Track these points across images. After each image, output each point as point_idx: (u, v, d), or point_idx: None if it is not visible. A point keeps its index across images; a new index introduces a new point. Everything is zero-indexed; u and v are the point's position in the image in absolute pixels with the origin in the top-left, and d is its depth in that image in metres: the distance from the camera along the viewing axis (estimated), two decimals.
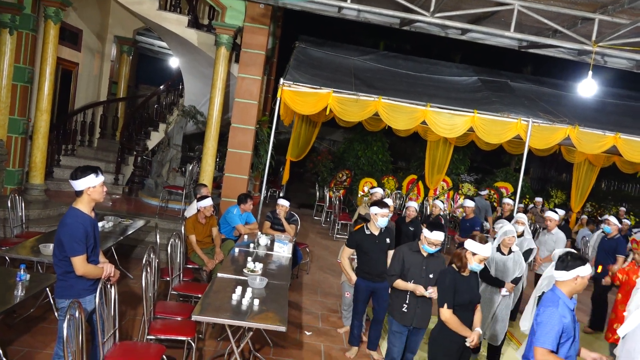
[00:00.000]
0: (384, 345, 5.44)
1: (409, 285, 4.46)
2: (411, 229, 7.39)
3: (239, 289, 4.56)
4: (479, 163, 17.79)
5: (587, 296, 7.92)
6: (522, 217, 6.62)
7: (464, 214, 8.84)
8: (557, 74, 13.39)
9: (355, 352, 5.54)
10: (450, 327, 3.82)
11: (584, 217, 13.35)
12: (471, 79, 10.80)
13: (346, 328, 6.07)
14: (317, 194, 13.82)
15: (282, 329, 4.09)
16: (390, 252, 5.26)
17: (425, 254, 4.51)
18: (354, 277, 5.42)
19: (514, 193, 9.60)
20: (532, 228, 11.26)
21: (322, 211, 13.21)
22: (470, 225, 8.20)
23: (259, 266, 5.36)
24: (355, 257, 5.61)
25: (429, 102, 8.61)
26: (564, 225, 9.03)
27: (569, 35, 7.38)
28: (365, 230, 5.34)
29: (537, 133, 8.76)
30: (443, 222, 8.30)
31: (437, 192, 14.05)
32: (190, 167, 9.90)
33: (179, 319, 4.68)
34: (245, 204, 7.09)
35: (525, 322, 3.82)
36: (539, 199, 13.33)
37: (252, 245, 6.42)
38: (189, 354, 4.54)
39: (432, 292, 4.39)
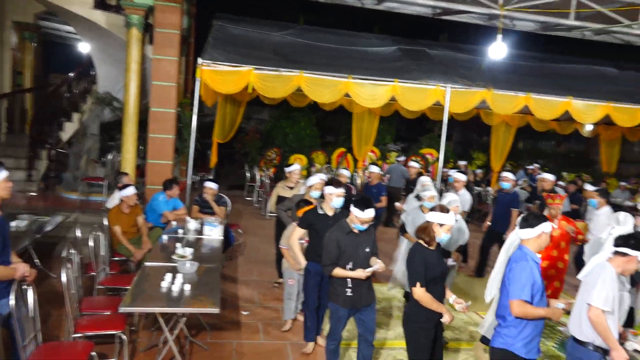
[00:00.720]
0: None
1: (350, 274, 4.16)
2: (374, 190, 7.77)
3: (168, 276, 4.44)
4: (404, 132, 18.23)
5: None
6: (426, 180, 6.80)
7: (369, 180, 8.93)
8: (472, 40, 13.80)
9: (312, 347, 5.10)
10: (424, 305, 3.73)
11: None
12: (390, 49, 10.94)
13: (289, 322, 5.56)
14: (248, 174, 13.67)
15: (216, 311, 4.03)
16: None
17: (357, 232, 4.28)
18: (304, 262, 5.01)
19: (438, 158, 9.90)
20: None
21: (253, 191, 13.10)
22: (376, 192, 8.27)
23: (189, 251, 5.24)
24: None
25: (350, 74, 8.66)
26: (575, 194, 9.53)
27: (479, 1, 7.62)
28: (319, 210, 4.94)
29: (455, 98, 9.04)
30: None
31: (366, 163, 14.29)
32: (111, 157, 9.46)
33: (108, 313, 4.50)
34: (171, 190, 6.88)
35: (492, 290, 3.70)
36: (462, 162, 13.87)
37: (181, 231, 6.27)
38: (121, 348, 4.38)
39: (376, 267, 4.18)
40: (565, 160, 18.55)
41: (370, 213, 4.14)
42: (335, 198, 4.88)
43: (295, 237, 5.04)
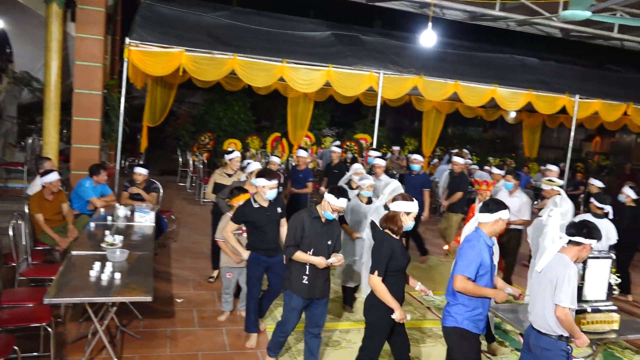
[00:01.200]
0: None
1: (311, 258, 4.08)
2: (335, 171, 7.94)
3: (97, 265, 4.26)
4: (339, 117, 18.40)
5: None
6: (358, 167, 6.85)
7: (296, 164, 8.79)
8: (404, 28, 14.10)
9: (255, 340, 4.94)
10: (377, 295, 3.71)
11: (436, 161, 14.58)
12: (325, 33, 10.96)
13: (226, 314, 5.42)
14: (180, 159, 13.32)
15: (148, 299, 3.93)
16: (283, 221, 4.91)
17: (324, 220, 4.16)
18: (245, 254, 4.81)
19: (372, 144, 10.09)
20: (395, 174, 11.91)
21: (186, 177, 12.80)
22: (302, 177, 8.16)
23: (118, 239, 5.05)
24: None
25: (285, 59, 8.61)
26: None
27: None
28: (253, 204, 4.72)
29: (388, 84, 9.23)
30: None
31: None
32: (30, 141, 8.91)
33: (31, 305, 4.27)
34: (98, 175, 6.58)
35: None
36: (396, 148, 14.16)
37: (109, 218, 6.02)
38: (47, 341, 4.18)
39: (335, 261, 4.15)
40: (491, 145, 19.45)
41: (342, 202, 4.06)
42: (268, 191, 4.66)
43: (229, 229, 4.87)
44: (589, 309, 4.07)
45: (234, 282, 5.36)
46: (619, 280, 4.53)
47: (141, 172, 6.85)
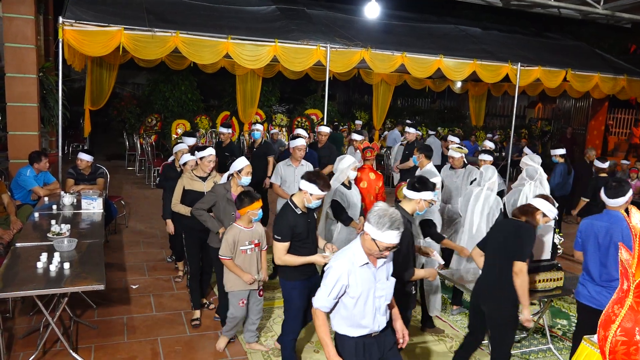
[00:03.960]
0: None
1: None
2: (227, 154, 7.38)
3: (44, 256, 4.11)
4: (289, 93, 18.26)
5: None
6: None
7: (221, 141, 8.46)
8: (349, 0, 14.02)
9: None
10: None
11: (386, 133, 14.74)
12: (269, 8, 10.76)
13: (224, 340, 4.53)
14: (127, 142, 12.91)
15: (101, 287, 3.82)
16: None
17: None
18: (246, 276, 4.19)
19: (323, 118, 10.07)
20: (347, 151, 11.88)
21: (134, 160, 12.44)
22: (229, 154, 7.80)
23: (65, 228, 4.86)
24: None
25: (230, 35, 8.41)
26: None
27: None
28: (296, 210, 3.78)
29: (335, 58, 9.18)
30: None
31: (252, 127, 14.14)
32: None
33: None
34: (40, 163, 6.29)
35: None
36: (359, 122, 14.08)
37: (55, 206, 5.79)
38: None
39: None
40: (439, 116, 19.81)
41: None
42: (315, 201, 3.79)
43: (284, 253, 3.76)
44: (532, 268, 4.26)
45: (243, 312, 4.33)
46: (563, 239, 4.77)
47: (85, 157, 6.59)
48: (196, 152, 5.13)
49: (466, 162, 6.29)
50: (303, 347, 4.59)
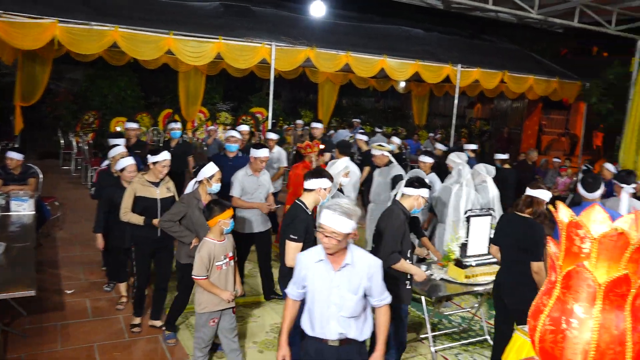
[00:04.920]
0: None
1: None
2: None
3: None
4: (233, 91, 18.00)
5: None
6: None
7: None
8: None
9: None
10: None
11: (332, 132, 14.81)
12: (213, 4, 10.59)
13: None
14: (62, 140, 12.34)
15: (31, 293, 3.63)
16: None
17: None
18: (225, 293, 3.85)
19: (267, 117, 10.02)
20: (293, 150, 11.81)
21: (70, 159, 11.91)
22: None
23: None
24: None
25: (172, 30, 8.21)
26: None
27: None
28: (306, 210, 3.66)
29: (281, 56, 9.15)
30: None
31: (196, 124, 13.90)
32: None
33: None
34: None
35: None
36: (299, 121, 13.99)
37: None
38: None
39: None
40: (383, 115, 20.13)
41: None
42: (328, 195, 3.79)
43: (294, 256, 3.21)
44: (473, 263, 4.40)
45: (214, 332, 3.91)
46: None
47: (15, 156, 6.21)
48: (149, 156, 4.57)
49: (392, 160, 6.17)
50: (247, 347, 4.54)
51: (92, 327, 4.74)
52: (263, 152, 5.33)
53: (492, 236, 4.60)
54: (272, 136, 7.39)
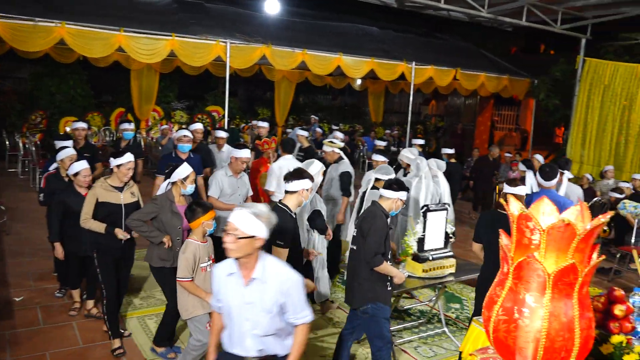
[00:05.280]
0: None
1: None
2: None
3: None
4: (188, 89, 17.71)
5: None
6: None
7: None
8: None
9: (119, 343, 4.34)
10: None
11: (289, 130, 14.80)
12: (165, 1, 10.36)
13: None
14: (7, 142, 11.82)
15: None
16: None
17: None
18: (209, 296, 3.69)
19: (224, 115, 9.90)
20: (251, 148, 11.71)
21: (17, 161, 11.43)
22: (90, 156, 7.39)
23: None
24: None
25: (122, 27, 7.99)
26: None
27: None
28: (291, 213, 3.59)
29: (236, 54, 9.05)
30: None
31: (150, 123, 13.60)
32: None
33: None
34: None
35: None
36: (261, 123, 13.85)
37: None
38: None
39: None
40: (340, 112, 20.25)
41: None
42: (309, 195, 3.78)
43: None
44: (430, 257, 4.48)
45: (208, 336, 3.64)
46: (454, 229, 5.06)
47: None
48: (111, 158, 4.28)
49: (343, 156, 6.16)
50: None
51: (43, 335, 4.56)
52: (244, 153, 5.26)
53: (447, 231, 4.71)
54: (221, 134, 7.28)
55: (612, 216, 4.63)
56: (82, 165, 4.65)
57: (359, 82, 16.89)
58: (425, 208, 4.53)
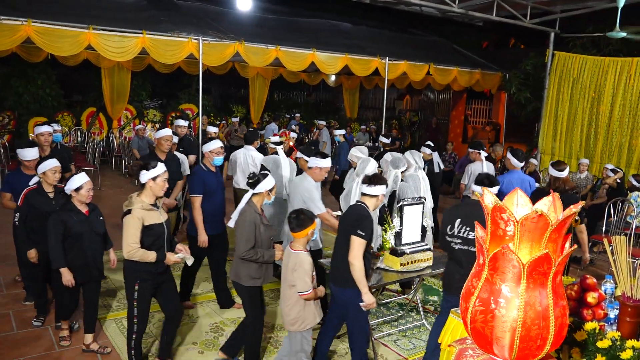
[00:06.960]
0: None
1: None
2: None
3: None
4: (161, 87, 17.48)
5: None
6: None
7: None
8: None
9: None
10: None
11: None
12: None
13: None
14: None
15: None
16: None
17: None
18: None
19: (198, 113, 9.80)
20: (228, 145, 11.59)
21: None
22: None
23: None
24: None
25: (91, 25, 7.83)
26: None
27: None
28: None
29: (209, 51, 8.96)
30: None
31: (122, 123, 13.38)
32: None
33: None
34: None
35: None
36: (235, 119, 13.62)
37: None
38: None
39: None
40: (315, 108, 20.23)
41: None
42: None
43: (361, 254, 3.63)
44: (407, 251, 4.52)
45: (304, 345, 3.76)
46: (432, 223, 5.12)
47: None
48: (143, 171, 3.65)
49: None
50: (186, 348, 4.44)
51: (17, 341, 4.46)
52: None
53: (424, 224, 4.75)
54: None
55: (583, 206, 4.75)
56: (83, 178, 4.01)
57: (333, 78, 16.90)
58: (401, 202, 4.56)
